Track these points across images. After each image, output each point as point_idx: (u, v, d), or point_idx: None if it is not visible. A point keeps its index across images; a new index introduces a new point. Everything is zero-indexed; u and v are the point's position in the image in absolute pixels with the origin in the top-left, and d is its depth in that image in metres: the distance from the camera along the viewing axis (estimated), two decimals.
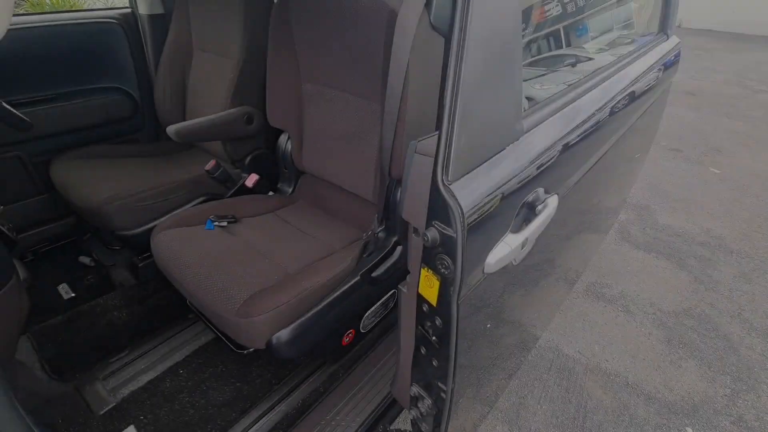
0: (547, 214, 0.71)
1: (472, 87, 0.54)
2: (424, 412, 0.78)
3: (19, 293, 0.98)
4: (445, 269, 0.58)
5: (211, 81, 1.57)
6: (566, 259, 1.51)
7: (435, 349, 0.68)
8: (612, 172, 1.62)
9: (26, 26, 1.47)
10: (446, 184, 0.55)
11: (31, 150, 1.52)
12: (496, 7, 0.56)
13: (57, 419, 1.01)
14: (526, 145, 0.68)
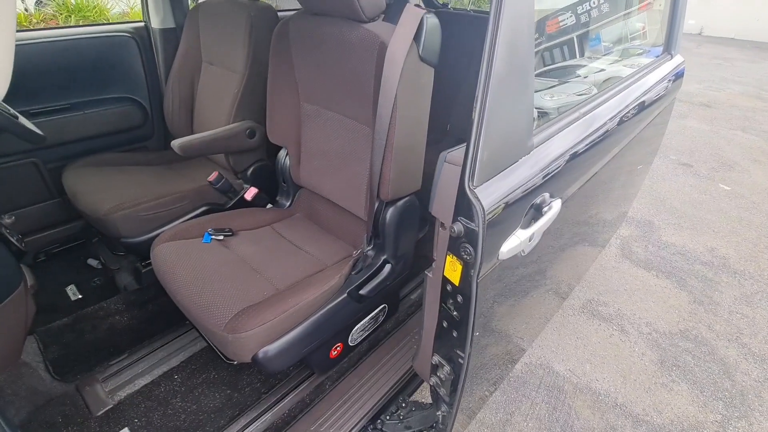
0: (552, 214, 0.84)
1: (494, 112, 0.67)
2: (443, 378, 0.91)
3: (26, 299, 1.04)
4: (468, 256, 0.71)
5: (217, 94, 1.62)
6: (559, 271, 1.52)
7: (455, 322, 0.81)
8: (610, 185, 1.63)
9: (45, 40, 1.55)
10: (471, 188, 0.68)
11: (46, 157, 1.60)
12: (515, 46, 0.68)
13: (57, 418, 1.08)
14: (535, 158, 0.81)
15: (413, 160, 1.07)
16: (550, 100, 1.15)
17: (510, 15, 0.64)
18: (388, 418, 1.14)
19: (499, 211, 0.71)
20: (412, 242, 1.25)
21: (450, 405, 0.93)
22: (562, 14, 1.52)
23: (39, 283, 1.48)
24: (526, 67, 0.72)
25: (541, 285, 1.40)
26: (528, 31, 0.71)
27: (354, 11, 0.94)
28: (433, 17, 0.94)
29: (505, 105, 0.69)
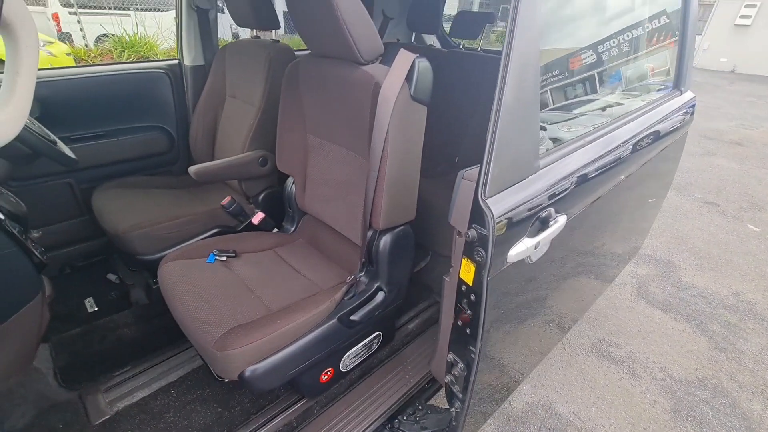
0: (556, 227, 0.94)
1: (504, 135, 0.79)
2: (457, 375, 1.00)
3: (41, 308, 1.13)
4: (480, 258, 0.81)
5: (236, 124, 1.75)
6: (561, 301, 1.50)
7: (469, 320, 0.90)
8: (618, 215, 1.61)
9: (91, 75, 1.75)
10: (483, 198, 0.79)
11: (80, 177, 1.76)
12: (522, 82, 0.80)
13: (58, 424, 1.13)
14: (541, 177, 0.93)
15: (406, 191, 1.11)
16: (567, 132, 1.24)
17: (518, 56, 0.77)
18: (405, 419, 1.22)
19: (507, 219, 0.83)
20: (406, 271, 1.27)
21: (462, 401, 1.01)
22: (584, 52, 1.59)
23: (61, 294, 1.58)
24: (532, 100, 0.84)
25: (540, 314, 1.38)
26: (533, 71, 0.84)
27: (353, 54, 1.03)
28: (425, 61, 1.01)
29: (513, 130, 0.82)
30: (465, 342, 0.94)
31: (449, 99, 2.06)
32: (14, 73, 0.48)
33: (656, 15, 1.64)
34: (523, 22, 0.80)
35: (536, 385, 1.69)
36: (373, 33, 1.02)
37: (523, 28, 0.81)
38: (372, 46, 1.03)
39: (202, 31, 1.88)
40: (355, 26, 0.97)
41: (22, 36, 0.47)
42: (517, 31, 0.80)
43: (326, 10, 0.95)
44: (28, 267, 1.05)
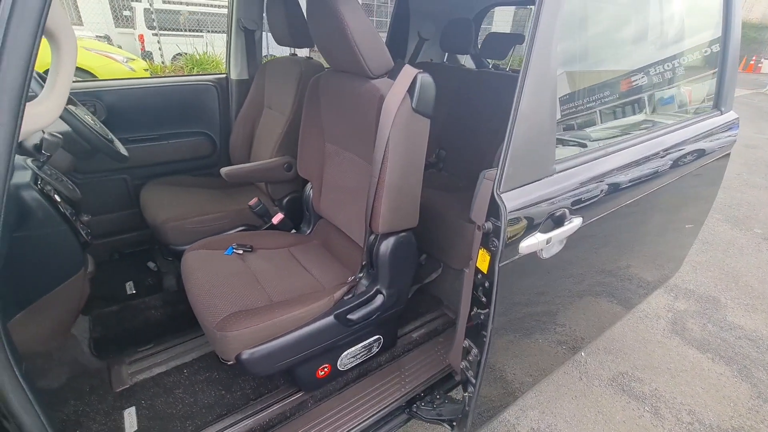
0: (570, 227, 1.02)
1: (519, 138, 0.89)
2: (471, 360, 1.09)
3: (83, 282, 1.29)
4: (494, 247, 0.91)
5: (269, 132, 1.90)
6: (573, 318, 1.46)
7: (482, 305, 0.99)
8: (645, 236, 1.55)
9: (152, 86, 1.99)
10: (498, 193, 0.89)
11: (133, 174, 1.98)
12: (540, 96, 0.91)
13: (85, 387, 1.27)
14: (557, 180, 1.01)
15: (406, 198, 1.16)
16: (592, 141, 1.27)
17: (534, 73, 0.88)
18: (423, 404, 1.31)
19: (520, 212, 0.92)
20: (407, 278, 1.30)
21: (474, 385, 1.10)
22: (635, 75, 1.59)
23: (107, 275, 1.78)
24: (548, 111, 0.94)
25: (551, 327, 1.36)
26: (550, 86, 0.94)
27: (363, 70, 1.11)
28: (426, 76, 1.07)
29: (529, 136, 0.92)
30: (479, 328, 1.03)
31: (476, 116, 2.09)
32: (55, 74, 0.60)
33: (700, 46, 1.62)
34: (540, 40, 0.89)
35: (545, 411, 1.62)
36: (382, 49, 1.10)
37: (540, 47, 0.90)
38: (380, 61, 1.11)
39: (248, 48, 2.08)
40: (364, 43, 1.06)
41: (63, 44, 0.59)
42: (535, 50, 0.89)
43: (338, 29, 1.04)
44: (74, 244, 1.21)
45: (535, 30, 0.89)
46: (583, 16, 1.30)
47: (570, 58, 1.30)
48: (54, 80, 0.60)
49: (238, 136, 2.06)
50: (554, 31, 0.93)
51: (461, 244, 1.62)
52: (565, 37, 1.19)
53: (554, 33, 0.93)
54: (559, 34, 0.95)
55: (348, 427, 1.19)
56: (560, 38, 0.95)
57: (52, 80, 0.60)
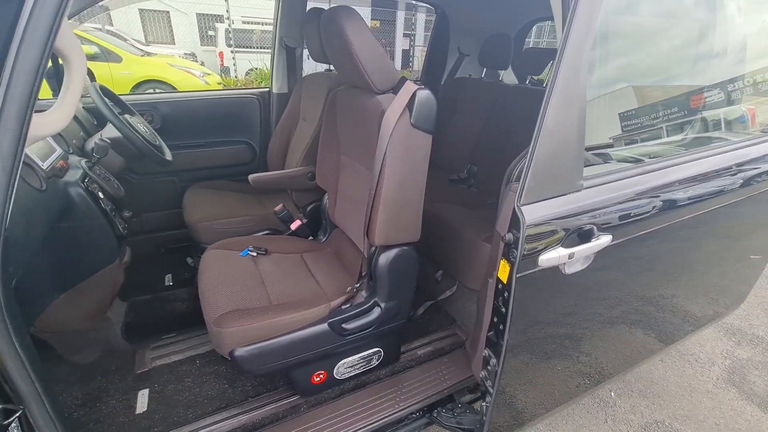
0: (596, 244, 1.01)
1: (543, 152, 0.91)
2: (490, 370, 1.12)
3: (118, 271, 1.45)
4: (513, 258, 0.93)
5: (299, 142, 2.00)
6: (599, 349, 1.37)
7: (501, 315, 1.02)
8: (694, 264, 1.45)
9: (201, 98, 2.20)
10: (518, 205, 0.92)
11: (181, 177, 2.19)
12: (567, 110, 0.92)
13: (111, 366, 1.41)
14: (585, 195, 1.01)
15: (405, 212, 1.16)
16: (632, 159, 1.22)
17: (561, 87, 0.88)
18: (444, 411, 1.33)
19: (540, 226, 0.93)
20: (407, 292, 1.29)
21: (491, 394, 1.12)
22: (708, 90, 1.51)
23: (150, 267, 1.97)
24: (577, 128, 0.94)
25: (571, 355, 1.29)
26: (580, 101, 0.93)
27: (368, 85, 1.14)
28: (426, 92, 1.07)
29: (553, 150, 0.92)
30: (497, 337, 1.05)
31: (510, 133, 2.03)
32: (66, 88, 0.70)
33: None
34: (570, 55, 0.88)
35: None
36: (386, 66, 1.12)
37: (569, 62, 0.89)
38: (385, 77, 1.13)
39: (289, 64, 2.22)
40: (368, 60, 1.09)
41: (73, 62, 0.69)
42: (563, 65, 0.88)
43: (344, 46, 1.08)
44: (111, 237, 1.37)
45: (564, 44, 0.88)
46: (626, 32, 1.25)
47: (615, 74, 1.26)
48: (64, 94, 0.70)
49: (275, 146, 2.19)
50: (585, 46, 0.91)
51: (476, 263, 1.57)
52: (613, 52, 1.19)
53: (585, 47, 0.91)
54: (590, 49, 0.93)
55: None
56: (590, 52, 0.93)
57: (63, 94, 0.70)
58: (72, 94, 0.70)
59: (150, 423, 1.23)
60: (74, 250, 1.29)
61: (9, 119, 0.59)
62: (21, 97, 0.60)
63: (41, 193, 1.09)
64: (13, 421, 0.72)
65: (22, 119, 0.61)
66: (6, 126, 0.59)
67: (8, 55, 0.58)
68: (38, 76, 0.61)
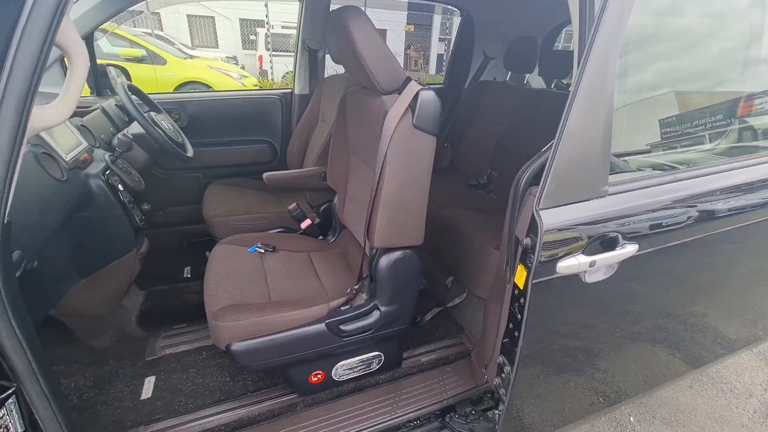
0: (620, 253, 0.97)
1: (564, 155, 0.88)
2: (504, 377, 1.10)
3: (134, 261, 1.51)
4: (530, 263, 0.91)
5: (316, 142, 2.02)
6: (616, 366, 1.32)
7: (517, 321, 1.00)
8: (731, 280, 1.38)
9: (226, 98, 2.27)
10: (537, 209, 0.90)
11: (205, 173, 2.27)
12: (592, 114, 0.89)
13: (124, 352, 1.48)
14: (609, 202, 0.97)
15: (406, 215, 1.14)
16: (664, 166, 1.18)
17: (585, 90, 0.85)
18: (456, 417, 1.31)
19: (559, 231, 0.91)
20: (408, 297, 1.26)
21: (504, 402, 1.11)
22: (759, 97, 1.45)
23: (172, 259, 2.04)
24: (603, 132, 0.91)
25: (585, 371, 1.24)
26: (606, 105, 0.89)
27: (374, 86, 1.13)
28: (429, 92, 1.05)
29: (576, 154, 0.90)
30: (512, 344, 1.03)
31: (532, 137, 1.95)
32: (68, 83, 0.74)
33: None
34: (596, 57, 0.86)
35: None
36: (392, 66, 1.11)
37: (595, 64, 0.86)
38: (390, 77, 1.11)
39: (311, 66, 2.25)
40: (372, 60, 1.08)
41: (75, 57, 0.72)
42: (589, 67, 0.86)
43: (349, 46, 1.08)
44: (128, 228, 1.43)
45: (591, 46, 0.85)
46: (666, 34, 1.20)
47: (654, 78, 1.22)
48: (66, 88, 0.73)
49: (294, 146, 2.23)
50: (613, 49, 0.88)
51: (485, 270, 1.52)
52: (651, 55, 1.16)
53: (613, 50, 0.88)
54: (618, 51, 0.89)
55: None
56: (618, 55, 0.89)
57: (65, 88, 0.73)
58: (74, 89, 0.73)
59: (152, 409, 1.27)
60: (93, 239, 1.36)
61: (8, 111, 0.63)
62: (20, 90, 0.63)
63: (61, 183, 1.15)
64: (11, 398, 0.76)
65: (20, 112, 0.64)
66: (5, 117, 0.63)
67: (9, 50, 0.61)
68: (37, 70, 0.64)
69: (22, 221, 0.92)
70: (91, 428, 1.20)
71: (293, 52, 2.42)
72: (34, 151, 1.10)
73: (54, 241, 1.24)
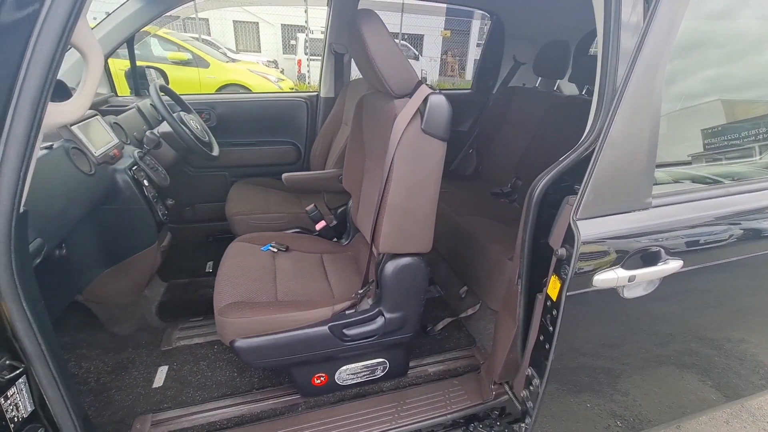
0: (663, 269, 0.94)
1: (606, 163, 0.85)
2: (532, 390, 1.08)
3: (155, 254, 1.58)
4: (565, 274, 0.89)
5: (337, 145, 2.04)
6: (639, 390, 1.25)
7: (549, 334, 0.97)
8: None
9: (254, 100, 2.34)
10: (575, 219, 0.87)
11: (231, 172, 2.34)
12: (633, 124, 0.86)
13: (143, 341, 1.54)
14: (653, 215, 0.93)
15: (413, 221, 1.11)
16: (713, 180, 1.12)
17: (633, 97, 0.82)
18: (480, 426, 1.29)
19: (597, 244, 0.88)
20: (414, 305, 1.24)
21: (531, 415, 1.09)
22: None
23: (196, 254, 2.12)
24: (648, 141, 0.88)
25: (604, 392, 1.19)
26: (653, 113, 0.86)
27: (386, 89, 1.12)
28: (439, 96, 1.02)
29: (618, 164, 0.86)
30: (543, 357, 1.01)
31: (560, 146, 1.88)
32: (84, 81, 0.78)
33: None
34: (645, 61, 0.82)
35: None
36: (404, 70, 1.09)
37: (644, 69, 0.83)
38: (401, 81, 1.10)
39: (336, 70, 2.28)
40: (384, 63, 1.06)
41: (90, 58, 0.76)
42: (636, 72, 0.82)
43: (362, 49, 1.08)
44: (150, 222, 1.49)
45: (638, 49, 0.82)
46: (723, 40, 1.13)
47: (703, 86, 1.14)
48: (82, 86, 0.77)
49: (318, 148, 2.25)
50: (663, 53, 0.84)
51: (499, 282, 1.46)
52: (703, 61, 1.10)
53: (663, 55, 0.84)
54: (668, 56, 0.85)
55: None
56: (668, 60, 0.85)
57: (81, 86, 0.78)
58: (89, 87, 0.77)
59: (162, 398, 1.31)
60: (118, 231, 1.44)
61: (24, 107, 0.67)
62: (36, 87, 0.67)
63: (88, 177, 1.22)
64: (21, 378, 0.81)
65: (35, 108, 0.68)
66: (21, 113, 0.67)
67: (26, 50, 0.65)
68: (52, 69, 0.68)
69: (45, 211, 0.99)
70: (105, 411, 1.26)
71: None
72: (66, 146, 1.18)
73: (82, 231, 1.32)
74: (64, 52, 0.69)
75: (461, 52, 14.56)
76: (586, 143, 0.92)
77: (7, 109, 0.66)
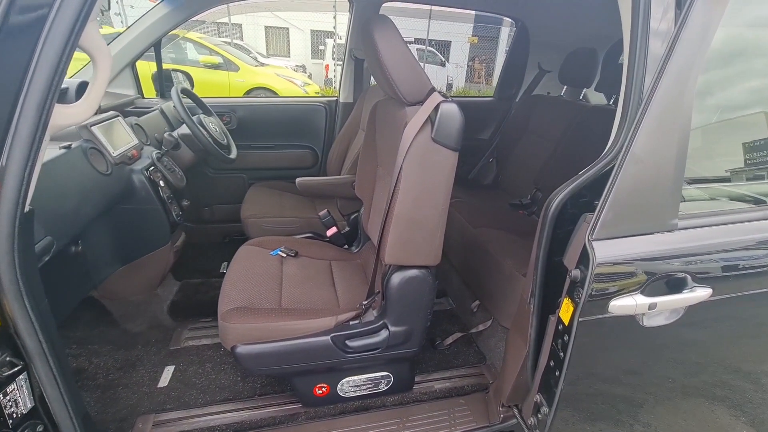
0: (688, 297, 0.88)
1: (627, 181, 0.81)
2: (540, 418, 1.04)
3: (168, 254, 1.60)
4: (578, 298, 0.85)
5: (353, 151, 2.02)
6: (663, 422, 1.21)
7: (559, 360, 0.93)
8: None
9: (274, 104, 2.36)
10: (590, 239, 0.83)
11: (250, 174, 2.37)
12: (658, 140, 0.81)
13: (152, 339, 1.56)
14: (679, 237, 0.88)
15: (420, 233, 1.08)
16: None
17: (659, 110, 0.78)
18: None
19: (614, 267, 0.83)
20: (419, 319, 1.20)
21: None
22: None
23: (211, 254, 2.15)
24: (676, 158, 0.82)
25: (624, 422, 1.16)
26: (682, 128, 0.81)
27: (398, 96, 1.09)
28: (451, 105, 0.98)
29: (640, 181, 0.81)
30: (552, 382, 0.96)
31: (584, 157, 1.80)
32: (93, 82, 0.79)
33: None
34: (673, 73, 0.78)
35: None
36: (416, 77, 1.06)
37: (672, 82, 0.79)
38: (414, 88, 1.07)
39: (356, 75, 2.27)
40: (395, 70, 1.04)
41: (98, 60, 0.77)
42: (663, 84, 0.79)
43: (375, 56, 1.05)
44: (165, 222, 1.52)
45: (667, 57, 0.78)
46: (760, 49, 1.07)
47: (739, 97, 1.08)
48: (90, 89, 0.78)
49: (335, 152, 2.25)
50: (695, 62, 0.80)
51: (512, 298, 1.40)
52: (739, 71, 1.04)
53: (695, 64, 0.80)
54: (700, 66, 0.80)
55: None
56: (700, 71, 0.80)
57: (89, 88, 0.79)
58: (97, 89, 0.78)
59: (165, 398, 1.32)
60: (133, 230, 1.46)
61: (30, 109, 0.68)
62: (42, 90, 0.68)
63: (105, 177, 1.25)
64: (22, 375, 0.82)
65: (41, 110, 0.69)
66: (26, 115, 0.67)
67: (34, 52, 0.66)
68: (58, 71, 0.69)
69: (57, 210, 1.01)
70: (110, 409, 1.27)
71: None
72: (84, 146, 1.21)
73: (98, 229, 1.35)
74: (72, 55, 0.70)
75: (489, 58, 14.40)
76: (607, 157, 0.86)
77: (14, 111, 0.67)
